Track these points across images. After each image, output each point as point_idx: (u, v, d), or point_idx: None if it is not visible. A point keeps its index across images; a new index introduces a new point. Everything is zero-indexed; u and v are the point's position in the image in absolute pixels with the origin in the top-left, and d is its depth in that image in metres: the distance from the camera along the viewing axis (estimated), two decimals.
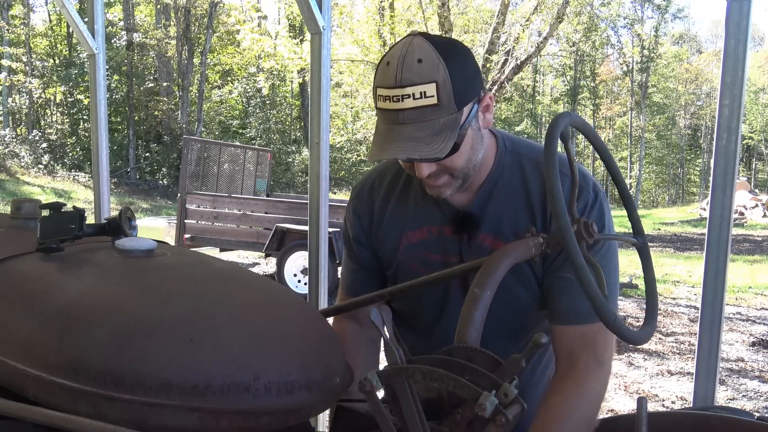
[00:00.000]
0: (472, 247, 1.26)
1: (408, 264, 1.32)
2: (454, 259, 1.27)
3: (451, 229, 1.28)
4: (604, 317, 0.99)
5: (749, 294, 8.39)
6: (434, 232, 1.29)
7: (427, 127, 1.07)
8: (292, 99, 28.69)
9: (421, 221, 1.30)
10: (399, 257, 1.33)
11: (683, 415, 1.01)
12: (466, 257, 1.26)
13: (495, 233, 1.25)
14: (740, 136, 1.51)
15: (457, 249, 1.28)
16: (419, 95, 1.05)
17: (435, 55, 1.06)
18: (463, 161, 1.16)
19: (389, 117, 1.10)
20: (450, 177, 1.18)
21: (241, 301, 1.09)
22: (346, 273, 1.46)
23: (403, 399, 0.93)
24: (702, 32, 66.85)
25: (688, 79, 41.49)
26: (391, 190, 1.36)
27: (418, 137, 1.07)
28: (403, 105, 1.07)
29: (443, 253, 1.29)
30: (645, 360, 5.31)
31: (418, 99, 1.06)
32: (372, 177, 1.41)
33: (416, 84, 1.05)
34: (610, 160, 1.28)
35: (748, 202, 19.95)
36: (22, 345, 0.96)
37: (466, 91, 1.09)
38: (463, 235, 1.26)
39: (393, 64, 1.07)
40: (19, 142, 19.75)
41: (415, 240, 1.31)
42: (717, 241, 1.53)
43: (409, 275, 1.29)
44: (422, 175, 1.15)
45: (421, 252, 1.30)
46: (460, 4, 15.05)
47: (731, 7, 1.46)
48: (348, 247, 1.43)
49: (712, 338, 1.55)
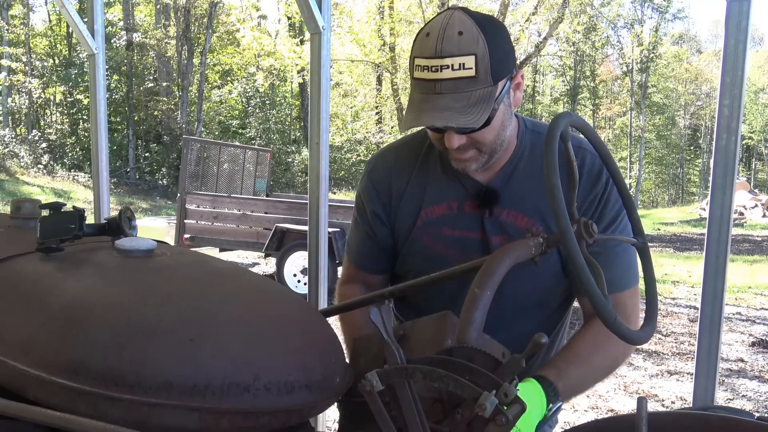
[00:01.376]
0: (494, 222, 1.27)
1: (425, 240, 1.32)
2: (474, 234, 1.28)
3: (472, 204, 1.28)
4: (605, 317, 0.99)
5: (749, 294, 8.39)
6: (455, 207, 1.30)
7: (464, 98, 1.09)
8: (291, 99, 28.69)
9: (441, 196, 1.31)
10: (415, 233, 1.33)
11: (683, 415, 1.01)
12: (490, 233, 1.27)
13: (517, 210, 1.26)
14: (740, 136, 1.51)
15: (479, 224, 1.28)
16: (458, 66, 1.07)
17: (475, 29, 1.08)
18: (492, 136, 1.18)
19: (426, 87, 1.11)
20: (477, 152, 1.20)
21: (241, 301, 1.09)
22: (356, 244, 1.45)
23: (403, 399, 0.93)
24: (702, 32, 66.95)
25: (688, 79, 41.50)
26: (410, 167, 1.36)
27: (454, 107, 1.09)
28: (441, 75, 1.08)
29: (463, 229, 1.29)
30: (645, 360, 5.32)
31: (457, 70, 1.07)
32: (388, 153, 1.41)
33: (455, 55, 1.07)
34: (610, 160, 1.28)
35: (748, 202, 19.95)
36: (22, 345, 0.96)
37: (501, 66, 1.11)
38: (485, 210, 1.27)
39: (433, 36, 1.09)
40: (18, 142, 19.75)
41: (434, 215, 1.32)
42: (717, 241, 1.53)
43: (425, 251, 1.31)
44: (452, 146, 1.16)
45: (439, 227, 1.31)
46: (460, 4, 15.06)
47: (731, 7, 1.46)
48: (363, 219, 1.42)
49: (711, 338, 1.55)
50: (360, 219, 1.44)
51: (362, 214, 1.43)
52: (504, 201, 1.27)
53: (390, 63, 13.48)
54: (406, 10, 13.12)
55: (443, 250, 1.31)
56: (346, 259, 1.50)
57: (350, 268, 1.48)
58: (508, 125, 1.21)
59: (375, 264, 1.43)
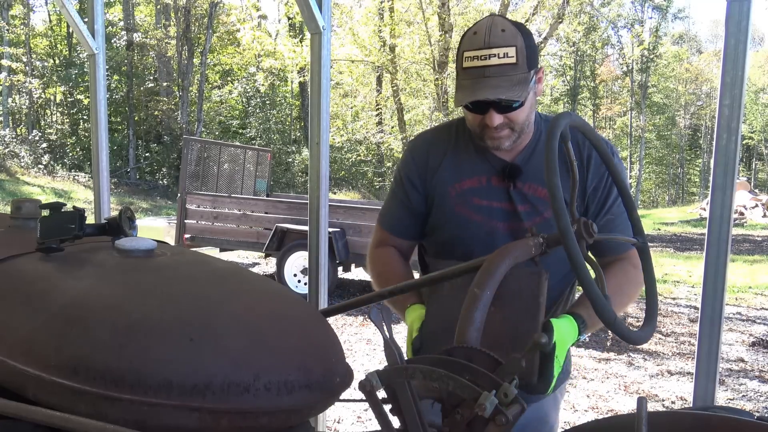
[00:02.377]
0: (519, 194, 1.48)
1: (457, 208, 1.54)
2: (499, 204, 1.50)
3: (498, 178, 1.50)
4: (605, 318, 0.99)
5: (749, 294, 8.39)
6: (483, 181, 1.52)
7: (507, 81, 1.33)
8: (292, 99, 28.67)
9: (473, 172, 1.53)
10: (450, 201, 1.55)
11: (683, 415, 1.01)
12: (517, 203, 1.48)
13: (537, 183, 1.47)
14: (740, 136, 1.51)
15: (505, 195, 1.49)
16: (503, 55, 1.32)
17: (514, 28, 1.35)
18: (524, 116, 1.41)
19: (475, 73, 1.35)
20: (510, 131, 1.42)
21: (241, 301, 1.09)
22: (390, 212, 1.65)
23: (403, 399, 0.93)
24: (702, 32, 66.91)
25: (688, 79, 41.50)
26: (445, 145, 1.58)
27: (501, 86, 1.33)
28: (489, 62, 1.33)
29: (489, 200, 1.51)
30: (645, 360, 5.32)
31: (502, 58, 1.32)
32: (427, 133, 1.67)
33: (501, 46, 1.32)
34: (610, 160, 1.28)
35: (748, 202, 19.96)
36: (22, 345, 0.96)
37: (533, 58, 1.37)
38: (509, 183, 1.48)
39: (480, 33, 1.35)
40: (19, 142, 19.74)
41: (466, 187, 1.53)
42: (717, 241, 1.53)
43: (456, 218, 1.53)
44: (493, 123, 1.39)
45: (470, 197, 1.52)
46: (460, 4, 15.06)
47: (731, 7, 1.47)
48: (399, 188, 1.62)
49: (712, 338, 1.55)
50: (397, 189, 1.63)
51: (399, 185, 1.62)
52: (526, 176, 1.48)
53: (390, 63, 13.48)
54: (406, 11, 13.12)
55: (472, 216, 1.51)
56: (378, 227, 1.68)
57: (382, 234, 1.66)
58: (533, 110, 1.45)
59: (406, 230, 1.62)
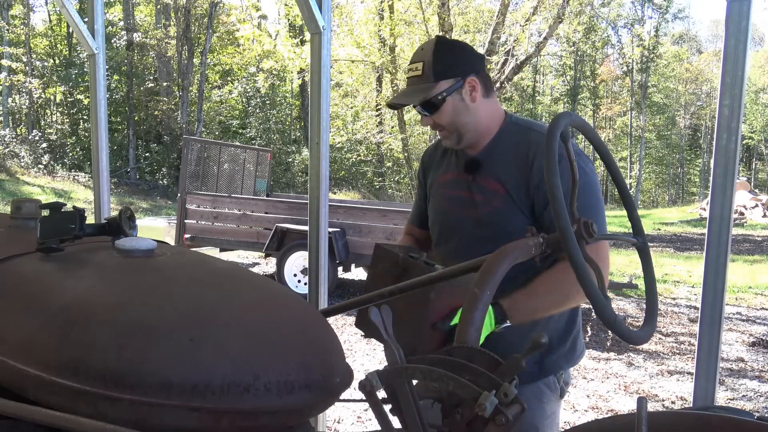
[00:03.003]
0: (477, 185, 1.66)
1: (437, 198, 1.78)
2: (464, 193, 1.69)
3: (463, 172, 1.70)
4: (605, 318, 0.99)
5: (749, 294, 8.40)
6: (455, 174, 1.74)
7: (413, 90, 1.62)
8: (292, 99, 28.67)
9: (448, 167, 1.78)
10: (434, 193, 1.81)
11: (683, 415, 1.01)
12: (474, 193, 1.66)
13: (494, 178, 1.63)
14: (740, 136, 1.51)
15: (467, 186, 1.68)
16: (415, 69, 1.62)
17: (431, 47, 1.60)
18: (446, 120, 1.62)
19: (407, 81, 1.66)
20: (447, 132, 1.65)
21: (241, 300, 1.09)
22: (413, 207, 1.95)
23: (403, 399, 0.93)
24: (702, 32, 66.74)
25: (688, 79, 41.50)
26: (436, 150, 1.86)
27: (408, 94, 1.63)
28: (413, 73, 1.63)
29: (458, 190, 1.72)
30: (645, 360, 5.32)
31: (415, 72, 1.61)
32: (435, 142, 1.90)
33: (415, 62, 1.62)
34: (610, 159, 1.28)
35: (748, 202, 19.95)
36: (22, 345, 0.96)
37: (443, 71, 1.58)
38: (470, 176, 1.67)
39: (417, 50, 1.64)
40: (19, 142, 19.72)
41: (442, 180, 1.78)
42: (717, 241, 1.53)
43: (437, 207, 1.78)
44: (423, 125, 1.67)
45: (447, 188, 1.76)
46: (460, 4, 15.05)
47: (731, 7, 1.47)
48: (417, 184, 1.93)
49: (712, 338, 1.55)
50: (418, 187, 1.94)
51: (417, 181, 1.94)
52: (484, 169, 1.66)
53: (390, 63, 13.48)
54: (406, 11, 13.12)
55: (446, 206, 1.74)
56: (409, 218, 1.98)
57: (408, 224, 1.96)
58: (464, 114, 1.62)
59: (419, 219, 1.90)
